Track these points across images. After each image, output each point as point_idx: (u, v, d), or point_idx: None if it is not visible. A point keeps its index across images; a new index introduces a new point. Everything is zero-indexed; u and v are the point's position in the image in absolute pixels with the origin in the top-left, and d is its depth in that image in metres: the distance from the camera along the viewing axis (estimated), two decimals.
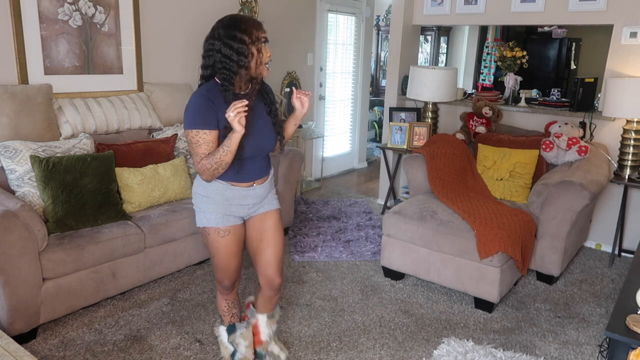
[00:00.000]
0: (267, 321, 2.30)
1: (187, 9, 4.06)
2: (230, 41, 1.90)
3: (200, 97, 1.96)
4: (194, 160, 1.98)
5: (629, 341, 1.76)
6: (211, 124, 1.93)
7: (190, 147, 1.97)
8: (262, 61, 1.96)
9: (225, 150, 1.91)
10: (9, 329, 2.41)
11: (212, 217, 2.09)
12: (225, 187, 2.06)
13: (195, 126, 1.92)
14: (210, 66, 2.00)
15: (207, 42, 1.99)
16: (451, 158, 3.78)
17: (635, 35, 3.63)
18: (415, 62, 4.97)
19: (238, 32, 1.91)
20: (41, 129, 3.02)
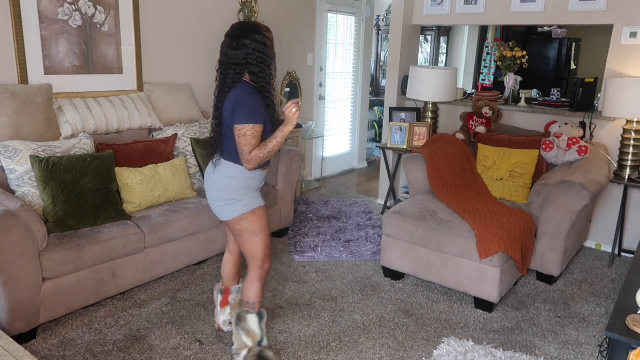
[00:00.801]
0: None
1: (187, 9, 4.06)
2: (261, 46, 2.18)
3: (255, 95, 2.19)
4: (244, 151, 2.16)
5: (629, 341, 1.76)
6: (261, 119, 2.19)
7: (242, 139, 2.15)
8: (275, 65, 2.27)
9: (278, 142, 2.20)
10: (9, 329, 2.41)
11: (256, 200, 2.34)
12: (260, 173, 2.35)
13: (254, 121, 2.15)
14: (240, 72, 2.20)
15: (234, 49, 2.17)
16: (451, 158, 3.78)
17: (635, 35, 3.63)
18: (415, 62, 4.97)
19: (264, 38, 2.19)
20: (41, 129, 3.02)
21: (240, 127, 2.14)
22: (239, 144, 2.17)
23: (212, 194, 2.35)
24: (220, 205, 2.32)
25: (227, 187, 2.28)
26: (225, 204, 2.30)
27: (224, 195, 2.30)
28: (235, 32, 2.20)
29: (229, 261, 2.65)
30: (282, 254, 3.71)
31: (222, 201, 2.30)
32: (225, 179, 2.29)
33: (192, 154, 3.61)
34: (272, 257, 3.65)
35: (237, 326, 2.40)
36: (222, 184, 2.29)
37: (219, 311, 2.66)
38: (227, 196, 2.29)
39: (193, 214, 3.21)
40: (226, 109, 2.21)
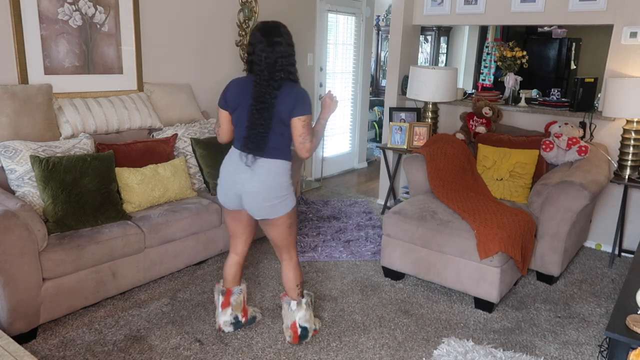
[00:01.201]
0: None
1: (187, 9, 4.06)
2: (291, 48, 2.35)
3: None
4: (307, 139, 2.32)
5: (629, 341, 1.76)
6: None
7: (307, 129, 2.31)
8: None
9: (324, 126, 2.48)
10: (9, 329, 2.41)
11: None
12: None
13: (311, 111, 2.35)
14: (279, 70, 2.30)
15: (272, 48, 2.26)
16: (451, 158, 3.78)
17: (635, 35, 3.63)
18: (415, 62, 4.97)
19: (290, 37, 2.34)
20: (41, 129, 3.02)
21: (304, 118, 2.28)
22: (303, 134, 2.29)
23: (265, 194, 2.34)
24: (276, 202, 2.37)
25: (281, 184, 2.37)
26: (281, 200, 2.38)
27: (280, 192, 2.37)
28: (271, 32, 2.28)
29: (235, 263, 2.65)
30: None
31: (278, 198, 2.37)
32: (278, 176, 2.35)
33: (192, 154, 3.61)
34: (273, 258, 3.65)
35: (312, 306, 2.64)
36: (279, 181, 2.36)
37: (220, 312, 2.66)
38: (282, 192, 2.38)
39: (193, 214, 3.21)
40: (285, 106, 2.27)
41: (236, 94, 2.37)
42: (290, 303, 2.57)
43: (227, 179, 2.42)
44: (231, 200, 2.44)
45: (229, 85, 2.43)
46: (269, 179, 2.33)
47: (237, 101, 2.36)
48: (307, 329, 2.59)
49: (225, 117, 2.44)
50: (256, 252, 3.71)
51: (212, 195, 3.52)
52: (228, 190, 2.43)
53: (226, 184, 2.43)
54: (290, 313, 2.57)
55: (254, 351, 2.56)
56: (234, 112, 2.39)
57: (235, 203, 2.44)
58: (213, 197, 3.48)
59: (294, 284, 2.56)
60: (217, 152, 3.59)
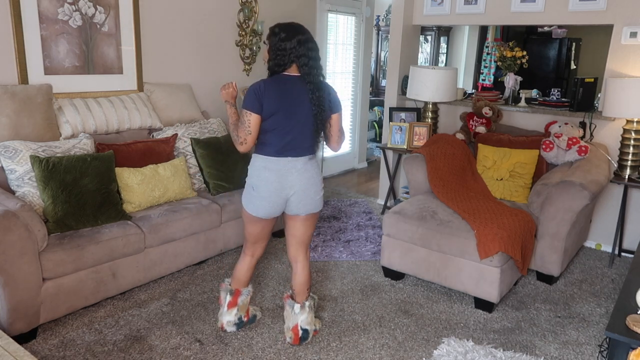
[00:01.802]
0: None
1: (187, 9, 4.05)
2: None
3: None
4: (343, 132, 2.48)
5: (629, 341, 1.76)
6: None
7: (341, 123, 2.46)
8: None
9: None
10: (9, 329, 2.41)
11: None
12: None
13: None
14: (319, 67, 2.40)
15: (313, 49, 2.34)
16: (451, 158, 3.78)
17: (635, 35, 3.62)
18: (415, 62, 4.97)
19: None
20: (41, 129, 3.02)
21: (340, 114, 2.43)
22: (340, 129, 2.44)
23: (316, 188, 2.45)
24: (321, 195, 2.50)
25: (321, 177, 2.49)
26: (323, 193, 2.52)
27: (321, 185, 2.50)
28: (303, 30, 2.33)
29: (250, 266, 2.65)
30: (282, 254, 3.71)
31: (322, 191, 2.50)
32: (318, 168, 2.49)
33: (192, 154, 3.60)
34: (273, 258, 3.65)
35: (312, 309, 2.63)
36: (320, 174, 2.48)
37: (225, 311, 2.65)
38: (322, 184, 2.51)
39: (193, 214, 3.21)
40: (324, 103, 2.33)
41: (276, 98, 2.27)
42: (294, 306, 2.56)
43: (271, 187, 2.34)
44: (278, 208, 2.42)
45: (263, 88, 2.28)
46: (315, 173, 2.44)
47: (277, 105, 2.26)
48: (308, 331, 2.59)
49: (257, 123, 2.28)
50: None
51: (212, 195, 3.52)
52: (276, 199, 2.37)
53: (271, 193, 2.35)
54: (294, 316, 2.57)
55: (254, 351, 2.56)
56: (270, 117, 2.28)
57: (279, 210, 2.45)
58: (213, 197, 3.48)
59: (306, 287, 2.58)
60: (217, 152, 3.59)
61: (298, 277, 2.56)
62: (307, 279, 2.57)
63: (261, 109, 2.26)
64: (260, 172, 2.35)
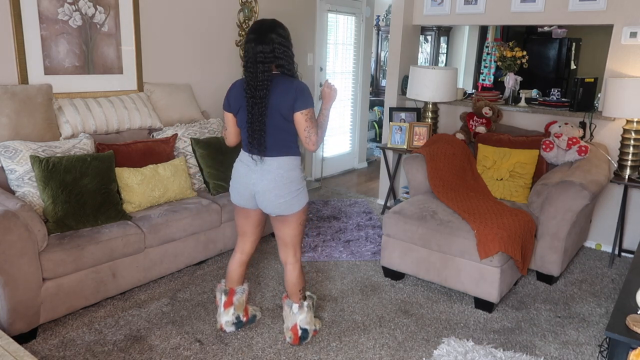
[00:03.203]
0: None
1: (187, 9, 4.06)
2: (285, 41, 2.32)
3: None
4: (312, 132, 2.32)
5: (629, 341, 1.76)
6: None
7: (310, 122, 2.32)
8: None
9: (327, 118, 2.45)
10: (9, 329, 2.41)
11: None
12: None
13: (313, 104, 2.34)
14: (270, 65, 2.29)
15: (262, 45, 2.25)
16: (451, 158, 3.78)
17: (635, 35, 3.63)
18: (415, 62, 4.97)
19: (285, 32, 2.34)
20: (41, 129, 3.02)
21: (307, 112, 2.30)
22: (307, 128, 2.31)
23: (279, 191, 2.37)
24: (290, 198, 2.39)
25: (293, 179, 2.39)
26: (295, 196, 2.40)
27: (292, 187, 2.39)
28: (260, 29, 2.29)
29: (240, 262, 2.66)
30: None
31: (292, 194, 2.39)
32: (291, 172, 2.39)
33: (192, 154, 3.61)
34: (273, 258, 3.65)
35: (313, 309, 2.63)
36: (292, 176, 2.39)
37: (222, 312, 2.66)
38: (295, 187, 2.41)
39: (193, 214, 3.21)
40: (282, 101, 2.28)
41: (237, 95, 2.39)
42: (292, 306, 2.57)
43: (240, 181, 2.45)
44: (246, 200, 2.47)
45: (231, 87, 2.45)
46: (279, 175, 2.36)
47: (239, 102, 2.38)
48: (308, 331, 2.60)
49: (230, 120, 2.47)
50: (256, 252, 3.71)
51: (212, 195, 3.52)
52: (243, 191, 2.45)
53: (239, 185, 2.46)
54: (292, 315, 2.57)
55: (254, 351, 2.56)
56: (237, 113, 2.42)
57: (251, 203, 2.47)
58: (213, 197, 3.48)
59: (297, 288, 2.56)
60: (217, 152, 3.59)
61: (287, 279, 2.57)
62: (296, 280, 2.55)
63: (229, 107, 2.44)
64: (236, 163, 2.50)
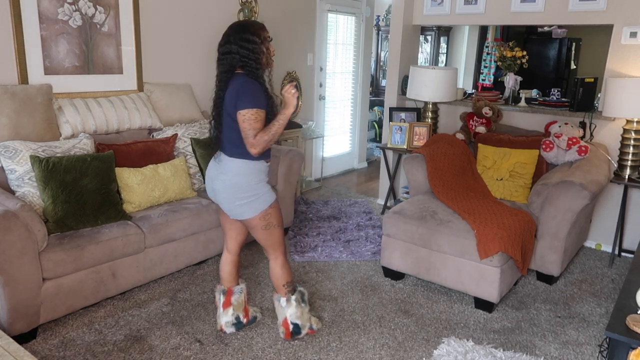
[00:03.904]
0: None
1: (187, 9, 4.06)
2: (246, 43, 2.27)
3: (257, 83, 2.30)
4: (250, 134, 2.25)
5: (629, 341, 1.76)
6: (264, 105, 2.29)
7: (247, 124, 2.24)
8: (270, 56, 2.37)
9: (281, 124, 2.30)
10: (9, 329, 2.41)
11: (271, 193, 2.44)
12: (265, 166, 2.43)
13: (256, 105, 2.25)
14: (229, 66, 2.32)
15: (223, 47, 2.31)
16: (451, 158, 3.78)
17: (635, 35, 3.63)
18: (415, 62, 4.97)
19: (251, 35, 2.29)
20: (41, 129, 3.02)
21: (244, 112, 2.23)
22: (244, 129, 2.24)
23: (227, 195, 2.37)
24: (240, 204, 2.36)
25: (243, 186, 2.35)
26: (246, 202, 2.36)
27: (242, 194, 2.36)
28: (227, 31, 2.34)
29: (228, 261, 2.66)
30: None
31: (242, 199, 2.36)
32: (236, 177, 2.34)
33: (192, 154, 3.61)
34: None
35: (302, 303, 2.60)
36: (236, 182, 2.34)
37: (222, 312, 2.66)
38: (245, 194, 2.36)
39: (193, 214, 3.21)
40: (228, 100, 2.29)
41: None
42: (280, 300, 2.60)
43: (207, 174, 2.50)
44: (212, 195, 2.51)
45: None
46: (232, 178, 2.35)
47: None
48: (299, 326, 2.60)
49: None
50: (255, 252, 3.71)
51: None
52: (208, 185, 2.51)
53: (207, 179, 2.51)
54: (281, 310, 2.60)
55: (254, 351, 2.56)
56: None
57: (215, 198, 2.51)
58: None
59: (281, 282, 2.57)
60: None
61: (270, 273, 2.59)
62: (279, 274, 2.55)
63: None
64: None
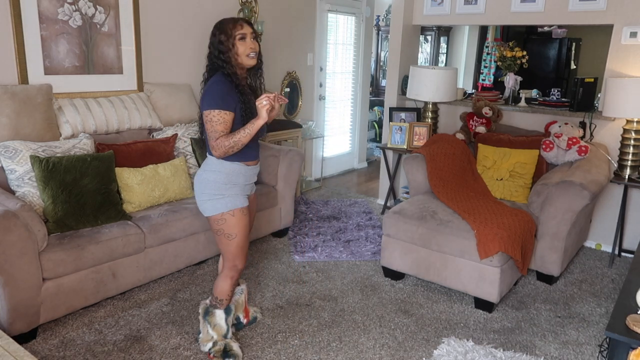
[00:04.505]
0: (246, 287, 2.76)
1: (187, 9, 4.06)
2: (215, 41, 2.27)
3: (224, 82, 2.23)
4: (210, 137, 2.19)
5: (629, 341, 1.76)
6: (231, 107, 2.20)
7: (209, 125, 2.18)
8: (239, 54, 2.25)
9: (247, 133, 2.18)
10: (9, 329, 2.41)
11: (237, 200, 2.33)
12: (244, 168, 2.33)
13: (218, 106, 2.17)
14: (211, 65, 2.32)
15: (212, 46, 2.32)
16: (451, 158, 3.78)
17: (635, 35, 3.63)
18: (415, 62, 4.97)
19: (218, 32, 2.26)
20: (41, 129, 3.02)
21: (206, 113, 2.18)
22: (207, 130, 2.21)
23: (196, 187, 2.36)
24: (204, 199, 2.33)
25: (209, 182, 2.30)
26: (208, 199, 2.31)
27: (207, 189, 2.31)
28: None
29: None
30: (282, 254, 3.71)
31: (205, 195, 2.31)
32: (207, 172, 2.32)
33: (192, 154, 3.61)
34: (273, 258, 3.65)
35: (204, 319, 2.47)
36: (205, 177, 2.32)
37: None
38: (210, 190, 2.30)
39: (193, 214, 3.21)
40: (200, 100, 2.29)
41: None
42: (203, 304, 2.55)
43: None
44: None
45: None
46: (203, 173, 2.33)
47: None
48: (198, 341, 2.55)
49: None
50: (256, 252, 3.71)
51: None
52: None
53: None
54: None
55: (253, 351, 2.56)
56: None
57: None
58: None
59: (214, 292, 2.46)
60: None
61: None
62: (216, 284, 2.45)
63: None
64: None
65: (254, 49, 2.29)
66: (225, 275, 2.43)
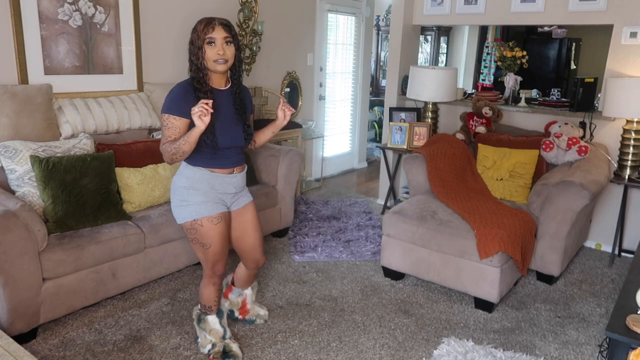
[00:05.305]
0: (252, 293, 2.75)
1: (187, 9, 4.06)
2: (190, 44, 2.15)
3: (183, 87, 2.15)
4: (162, 140, 2.16)
5: (629, 341, 1.76)
6: (183, 113, 2.10)
7: (162, 130, 2.15)
8: (207, 58, 2.12)
9: (185, 140, 2.07)
10: (9, 329, 2.41)
11: (203, 208, 2.22)
12: (208, 174, 2.22)
13: (169, 111, 2.11)
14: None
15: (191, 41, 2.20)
16: (451, 158, 3.78)
17: (635, 35, 3.63)
18: (415, 62, 4.97)
19: (192, 31, 2.14)
20: (41, 129, 3.02)
21: (161, 116, 2.14)
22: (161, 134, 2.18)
23: (170, 191, 2.31)
24: (174, 205, 2.28)
25: (177, 186, 2.25)
26: (175, 205, 2.26)
27: (175, 194, 2.26)
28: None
29: (242, 267, 2.64)
30: (282, 254, 3.71)
31: (175, 201, 2.26)
32: (176, 175, 2.29)
33: None
34: (273, 258, 3.65)
35: (198, 326, 2.48)
36: (174, 180, 2.28)
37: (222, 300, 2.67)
38: (175, 197, 2.25)
39: None
40: None
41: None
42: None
43: None
44: None
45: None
46: (173, 178, 2.29)
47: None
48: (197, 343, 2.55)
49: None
50: None
51: None
52: None
53: None
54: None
55: (253, 351, 2.56)
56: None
57: None
58: None
59: (200, 300, 2.45)
60: None
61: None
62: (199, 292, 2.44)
63: None
64: None
65: (223, 56, 2.11)
66: (206, 283, 2.39)
